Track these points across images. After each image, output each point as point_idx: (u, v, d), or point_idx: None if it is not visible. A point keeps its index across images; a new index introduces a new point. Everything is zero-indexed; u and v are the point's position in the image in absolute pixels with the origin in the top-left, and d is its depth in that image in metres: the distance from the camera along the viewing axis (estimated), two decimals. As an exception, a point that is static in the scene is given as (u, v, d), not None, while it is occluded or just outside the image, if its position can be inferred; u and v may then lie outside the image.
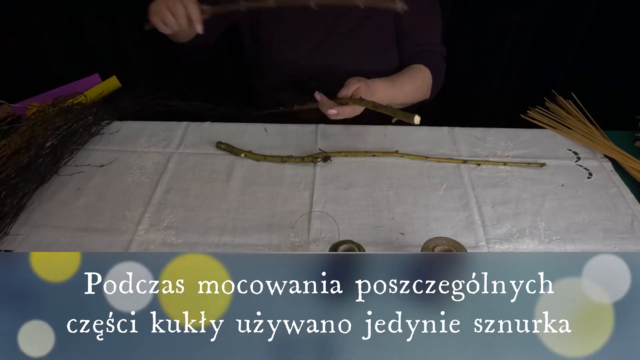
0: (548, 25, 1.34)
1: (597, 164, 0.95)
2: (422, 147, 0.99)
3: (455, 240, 0.69)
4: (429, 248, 0.68)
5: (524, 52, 1.41)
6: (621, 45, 1.29)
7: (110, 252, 0.76)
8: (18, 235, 0.81)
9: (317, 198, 0.87)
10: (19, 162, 0.89)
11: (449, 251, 0.67)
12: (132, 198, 0.88)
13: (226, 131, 1.05)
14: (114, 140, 1.03)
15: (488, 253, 0.75)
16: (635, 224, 0.82)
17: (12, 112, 1.09)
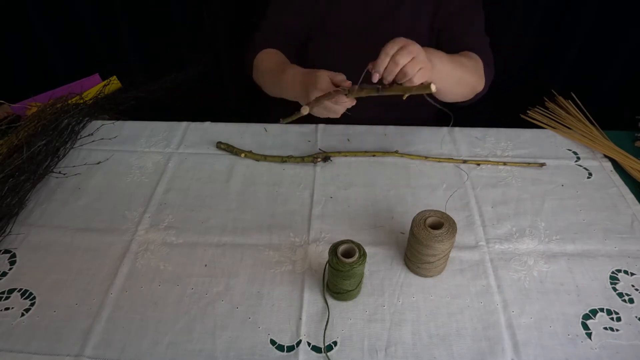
0: (548, 25, 1.34)
1: (597, 164, 0.95)
2: (422, 147, 0.99)
3: (446, 213, 0.70)
4: (420, 220, 0.69)
5: (524, 52, 1.41)
6: (621, 45, 1.29)
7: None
8: (19, 234, 0.81)
9: (317, 198, 0.87)
10: (15, 161, 0.89)
11: (440, 223, 0.69)
12: (132, 198, 0.88)
13: (226, 131, 1.05)
14: (114, 140, 1.03)
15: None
16: (635, 224, 0.82)
17: (12, 112, 1.09)
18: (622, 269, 0.74)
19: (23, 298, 0.71)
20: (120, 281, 0.73)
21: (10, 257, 0.77)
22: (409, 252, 0.72)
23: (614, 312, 0.68)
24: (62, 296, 0.71)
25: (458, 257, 0.76)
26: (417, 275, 0.73)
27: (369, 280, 0.72)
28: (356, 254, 0.64)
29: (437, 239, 0.67)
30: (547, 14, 1.32)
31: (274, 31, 1.03)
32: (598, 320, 0.67)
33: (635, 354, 0.63)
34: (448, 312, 0.68)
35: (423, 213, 0.71)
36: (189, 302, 0.70)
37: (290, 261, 0.76)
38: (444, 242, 0.67)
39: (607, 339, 0.65)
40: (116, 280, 0.73)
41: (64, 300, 0.70)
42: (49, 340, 0.65)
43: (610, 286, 0.72)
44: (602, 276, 0.73)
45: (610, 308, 0.69)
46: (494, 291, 0.71)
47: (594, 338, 0.65)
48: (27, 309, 0.69)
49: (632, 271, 0.74)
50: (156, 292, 0.71)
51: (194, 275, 0.74)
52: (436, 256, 0.69)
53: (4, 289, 0.72)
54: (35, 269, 0.75)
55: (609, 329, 0.66)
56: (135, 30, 1.40)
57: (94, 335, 0.66)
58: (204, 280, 0.73)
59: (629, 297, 0.70)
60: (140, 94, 1.21)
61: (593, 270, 0.74)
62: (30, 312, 0.69)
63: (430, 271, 0.72)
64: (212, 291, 0.71)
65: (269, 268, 0.75)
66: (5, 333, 0.66)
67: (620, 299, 0.70)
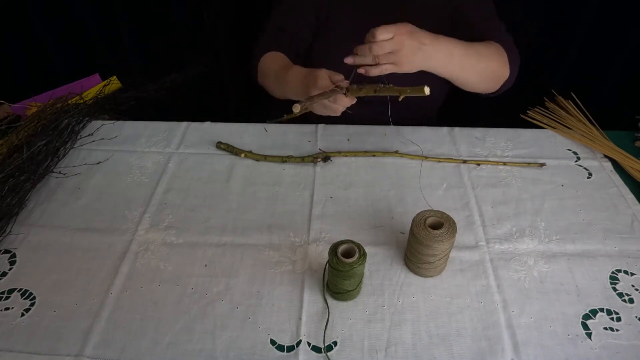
0: (548, 25, 1.34)
1: (597, 164, 0.95)
2: (422, 147, 0.99)
3: (446, 213, 0.70)
4: (420, 220, 0.69)
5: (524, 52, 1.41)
6: (621, 45, 1.29)
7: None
8: (19, 234, 0.81)
9: (317, 198, 0.87)
10: (15, 161, 0.89)
11: (440, 223, 0.69)
12: (132, 198, 0.88)
13: (226, 131, 1.05)
14: (114, 140, 1.03)
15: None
16: (635, 224, 0.82)
17: (12, 112, 1.09)
18: (622, 269, 0.74)
19: (23, 298, 0.71)
20: (120, 281, 0.73)
21: (10, 257, 0.77)
22: (409, 252, 0.72)
23: (614, 312, 0.68)
24: (62, 296, 0.71)
25: (458, 257, 0.76)
26: (417, 275, 0.73)
27: (369, 280, 0.72)
28: (356, 254, 0.64)
29: (437, 239, 0.67)
30: (547, 14, 1.32)
31: (278, 34, 1.03)
32: (598, 320, 0.67)
33: (635, 354, 0.63)
34: (448, 312, 0.68)
35: (423, 213, 0.71)
36: (189, 302, 0.70)
37: (290, 261, 0.76)
38: (444, 242, 0.67)
39: (607, 339, 0.65)
40: (116, 280, 0.73)
41: (64, 300, 0.70)
42: (49, 340, 0.65)
43: (610, 286, 0.72)
44: (602, 276, 0.73)
45: (610, 308, 0.69)
46: (494, 291, 0.71)
47: (594, 338, 0.65)
48: (27, 309, 0.69)
49: (632, 271, 0.74)
50: (156, 292, 0.71)
51: (194, 275, 0.74)
52: (436, 256, 0.69)
53: (4, 289, 0.72)
54: (35, 269, 0.75)
55: (609, 329, 0.66)
56: (135, 30, 1.40)
57: (94, 335, 0.66)
58: (204, 280, 0.73)
59: (629, 297, 0.70)
60: (140, 94, 1.21)
61: (593, 270, 0.74)
62: (30, 312, 0.69)
63: (430, 271, 0.72)
64: (212, 291, 0.71)
65: (269, 268, 0.75)
66: (5, 333, 0.66)
67: (620, 299, 0.70)
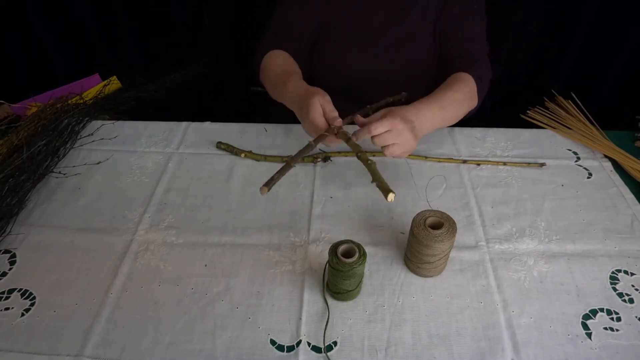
0: (548, 25, 1.34)
1: (597, 164, 0.95)
2: (422, 147, 0.99)
3: (446, 213, 0.70)
4: (420, 220, 0.69)
5: (524, 52, 1.41)
6: (621, 45, 1.29)
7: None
8: (19, 234, 0.81)
9: (317, 198, 0.87)
10: (15, 161, 0.89)
11: (440, 223, 0.69)
12: (132, 198, 0.88)
13: (226, 131, 1.05)
14: (114, 140, 1.03)
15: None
16: (635, 224, 0.82)
17: (12, 112, 1.09)
18: (622, 269, 0.74)
19: (23, 298, 0.71)
20: (120, 281, 0.73)
21: (10, 257, 0.77)
22: (409, 252, 0.72)
23: (614, 312, 0.68)
24: (62, 296, 0.71)
25: (458, 257, 0.76)
26: (417, 275, 0.73)
27: (369, 280, 0.72)
28: (356, 254, 0.64)
29: (437, 239, 0.67)
30: (547, 14, 1.32)
31: (284, 32, 1.02)
32: (598, 320, 0.67)
33: (635, 354, 0.63)
34: (448, 312, 0.68)
35: (423, 213, 0.71)
36: (189, 302, 0.70)
37: (290, 261, 0.76)
38: (443, 242, 0.67)
39: (607, 339, 0.65)
40: (116, 280, 0.73)
41: (64, 300, 0.70)
42: (49, 340, 0.65)
43: (610, 286, 0.72)
44: (602, 276, 0.73)
45: (610, 308, 0.69)
46: (493, 291, 0.71)
47: (594, 338, 0.65)
48: (27, 309, 0.69)
49: (632, 271, 0.74)
50: (156, 292, 0.71)
51: (194, 275, 0.74)
52: (436, 256, 0.69)
53: (4, 289, 0.72)
54: (35, 269, 0.75)
55: (609, 329, 0.66)
56: (135, 30, 1.41)
57: (94, 335, 0.66)
58: (204, 280, 0.73)
59: (629, 297, 0.70)
60: (140, 94, 1.21)
61: (593, 270, 0.74)
62: (30, 312, 0.69)
63: (430, 271, 0.72)
64: (212, 291, 0.71)
65: (269, 268, 0.75)
66: (5, 333, 0.66)
67: (620, 299, 0.70)
